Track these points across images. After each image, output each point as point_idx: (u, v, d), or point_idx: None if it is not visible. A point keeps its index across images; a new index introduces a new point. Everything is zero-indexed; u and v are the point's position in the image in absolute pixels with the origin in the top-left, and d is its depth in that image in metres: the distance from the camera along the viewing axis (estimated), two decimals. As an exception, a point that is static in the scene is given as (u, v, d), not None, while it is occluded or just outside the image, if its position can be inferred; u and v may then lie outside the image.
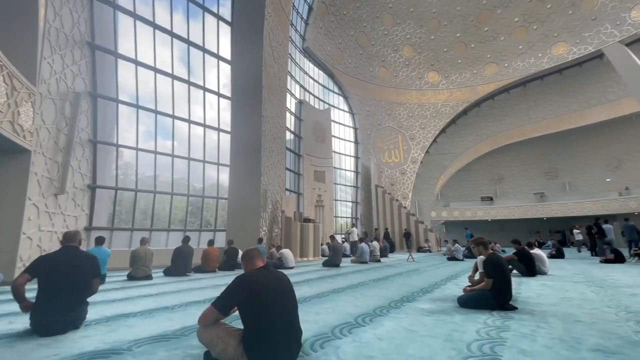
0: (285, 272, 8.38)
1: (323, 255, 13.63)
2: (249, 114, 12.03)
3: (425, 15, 24.00)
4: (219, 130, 12.62)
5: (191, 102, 11.94)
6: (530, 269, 6.97)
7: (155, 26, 10.92)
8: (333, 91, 24.24)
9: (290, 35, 17.91)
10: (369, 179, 24.03)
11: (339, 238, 18.76)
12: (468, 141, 27.81)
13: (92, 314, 3.42)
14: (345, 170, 24.38)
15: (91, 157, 9.07)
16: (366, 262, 10.82)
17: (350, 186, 24.58)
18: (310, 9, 21.19)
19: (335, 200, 22.01)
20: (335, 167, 22.29)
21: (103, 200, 9.67)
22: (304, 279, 6.72)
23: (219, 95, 12.78)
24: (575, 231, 18.27)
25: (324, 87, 23.53)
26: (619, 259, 9.92)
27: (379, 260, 11.63)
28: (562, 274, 7.39)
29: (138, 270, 6.60)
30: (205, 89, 12.44)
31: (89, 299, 3.12)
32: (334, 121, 23.16)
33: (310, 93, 21.54)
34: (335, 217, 21.77)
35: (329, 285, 5.76)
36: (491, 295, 3.66)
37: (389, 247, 15.72)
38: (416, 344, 2.46)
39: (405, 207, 22.85)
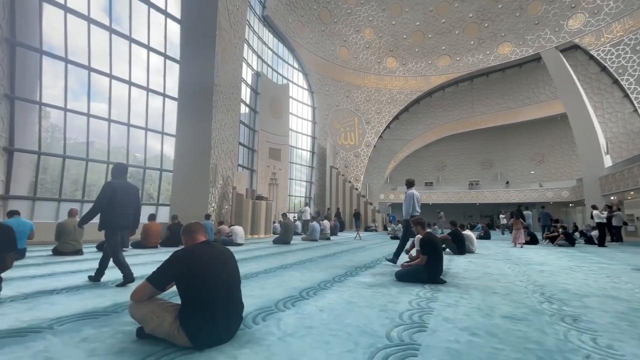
0: (234, 248, 8.22)
1: (274, 233, 13.66)
2: (198, 80, 11.15)
3: (388, -2, 24.04)
4: (164, 96, 11.58)
5: (132, 63, 10.72)
6: (461, 248, 7.75)
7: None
8: (293, 66, 23.50)
9: (249, 0, 16.76)
10: (325, 160, 24.29)
11: (291, 216, 18.97)
12: (418, 129, 29.34)
13: (7, 290, 3.05)
14: (302, 149, 24.26)
15: (7, 114, 7.80)
16: (316, 240, 11.10)
17: (306, 166, 24.61)
18: (272, -26, 19.91)
19: (290, 179, 21.93)
20: (291, 146, 22.02)
21: (23, 165, 8.48)
22: (253, 255, 6.69)
23: (166, 56, 11.64)
24: (501, 216, 20.64)
25: (284, 61, 22.68)
26: (533, 241, 11.50)
27: (328, 239, 12.01)
28: (487, 252, 8.35)
29: (66, 245, 5.99)
30: (150, 49, 11.21)
31: (2, 275, 2.78)
32: (292, 98, 22.63)
33: (269, 66, 20.64)
34: (289, 195, 21.79)
35: (278, 261, 5.81)
36: (424, 270, 4.01)
37: (339, 226, 16.30)
38: (354, 314, 2.61)
39: (356, 189, 23.71)
